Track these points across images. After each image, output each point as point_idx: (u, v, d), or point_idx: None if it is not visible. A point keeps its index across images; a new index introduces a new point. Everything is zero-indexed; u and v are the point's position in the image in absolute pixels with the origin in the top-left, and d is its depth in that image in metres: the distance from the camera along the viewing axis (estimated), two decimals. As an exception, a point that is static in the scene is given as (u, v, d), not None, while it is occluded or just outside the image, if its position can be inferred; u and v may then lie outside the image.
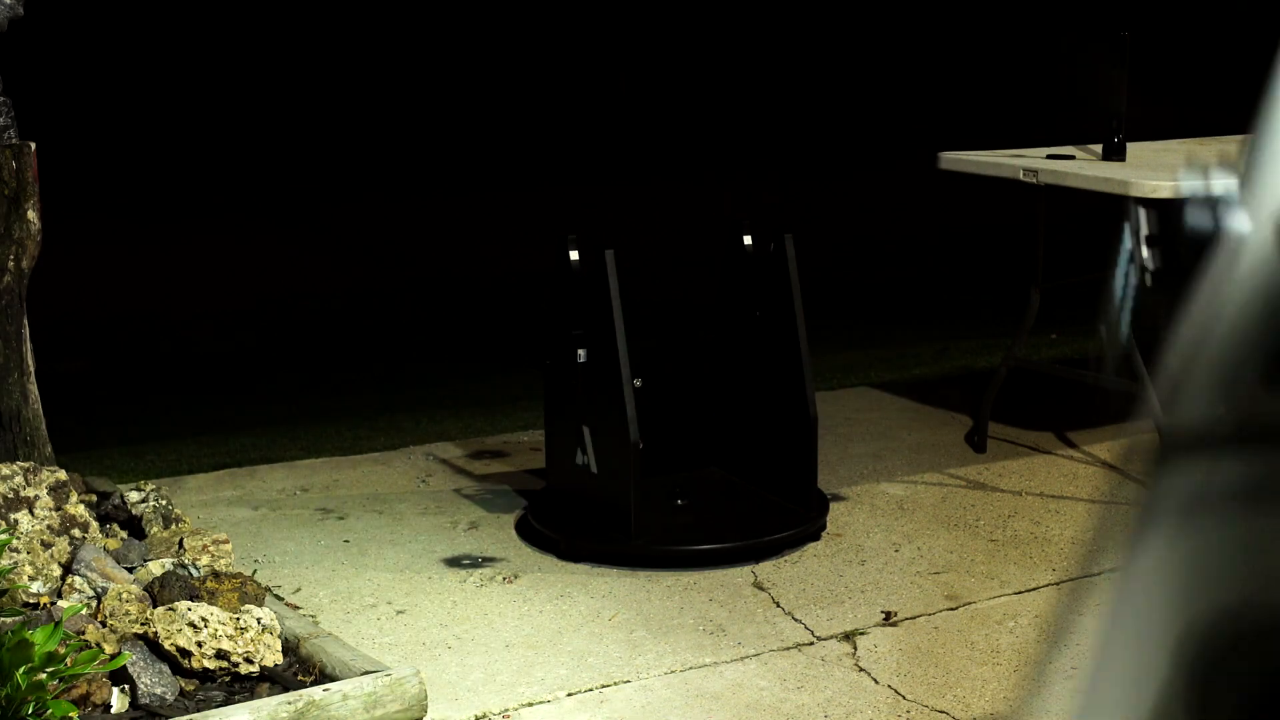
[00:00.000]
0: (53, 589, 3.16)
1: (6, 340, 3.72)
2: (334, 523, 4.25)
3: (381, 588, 3.78)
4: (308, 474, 4.71)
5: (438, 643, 3.45)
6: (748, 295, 4.20)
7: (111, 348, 7.41)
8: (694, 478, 4.36)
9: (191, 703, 2.86)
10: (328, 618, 3.57)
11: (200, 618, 2.95)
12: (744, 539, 3.94)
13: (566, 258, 4.04)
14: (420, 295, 8.79)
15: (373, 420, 5.42)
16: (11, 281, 3.69)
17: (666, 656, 3.37)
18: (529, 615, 3.61)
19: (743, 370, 4.26)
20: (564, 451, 4.10)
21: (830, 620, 3.57)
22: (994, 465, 4.68)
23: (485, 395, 5.85)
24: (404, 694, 2.87)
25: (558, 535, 3.96)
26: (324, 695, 2.79)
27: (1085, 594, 3.75)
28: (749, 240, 4.22)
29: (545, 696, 3.18)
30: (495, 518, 4.27)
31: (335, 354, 7.28)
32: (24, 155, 3.66)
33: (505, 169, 13.47)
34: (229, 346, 7.47)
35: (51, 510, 3.39)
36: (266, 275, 9.38)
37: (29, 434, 3.76)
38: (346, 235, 10.84)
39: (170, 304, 8.46)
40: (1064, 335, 6.26)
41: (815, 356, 4.16)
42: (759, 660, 3.36)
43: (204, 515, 4.25)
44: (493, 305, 8.38)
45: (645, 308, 4.06)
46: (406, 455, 4.89)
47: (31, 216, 3.68)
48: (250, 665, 2.95)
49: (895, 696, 3.19)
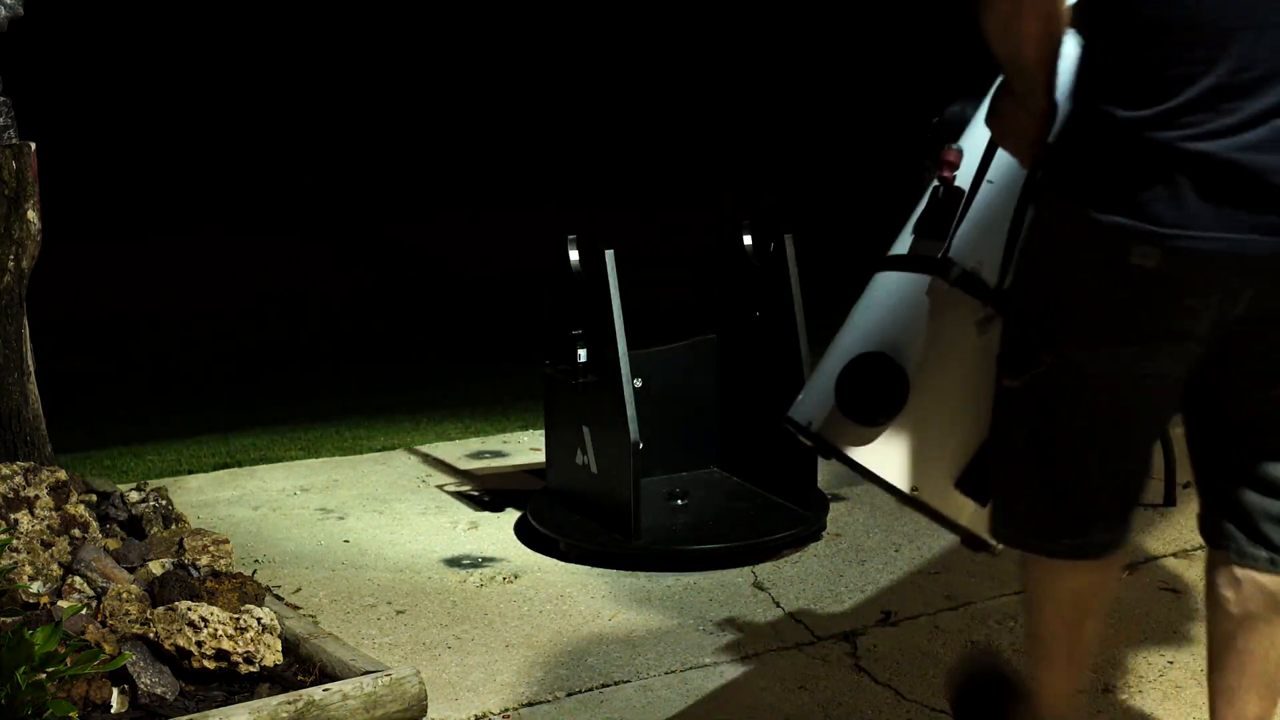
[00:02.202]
0: (53, 589, 3.16)
1: (6, 340, 3.72)
2: (334, 523, 4.25)
3: (381, 588, 3.78)
4: (308, 474, 4.71)
5: (438, 643, 3.45)
6: (748, 295, 4.20)
7: (111, 348, 7.41)
8: (694, 478, 4.36)
9: (191, 703, 2.86)
10: (328, 618, 3.57)
11: (200, 618, 2.95)
12: (744, 539, 3.93)
13: (567, 258, 4.04)
14: (420, 295, 8.79)
15: (373, 420, 5.42)
16: (11, 281, 3.69)
17: (666, 656, 3.37)
18: (529, 615, 3.61)
19: (743, 370, 4.25)
20: (564, 451, 4.10)
21: (830, 620, 3.57)
22: (994, 465, 4.68)
23: (485, 395, 5.86)
24: (404, 694, 2.87)
25: (558, 535, 3.96)
26: (324, 695, 2.79)
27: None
28: (749, 240, 4.22)
29: (545, 696, 3.18)
30: (495, 518, 4.27)
31: (335, 354, 7.28)
32: (24, 155, 3.67)
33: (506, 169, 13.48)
34: (229, 346, 7.47)
35: (51, 510, 3.39)
36: (267, 275, 9.39)
37: (29, 434, 3.76)
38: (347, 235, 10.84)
39: (170, 304, 8.46)
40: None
41: (815, 356, 4.15)
42: (759, 660, 3.36)
43: (204, 515, 4.25)
44: (493, 305, 8.39)
45: (645, 308, 4.05)
46: (406, 455, 4.90)
47: (31, 216, 3.68)
48: (250, 665, 2.95)
49: (895, 696, 3.19)
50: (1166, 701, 3.16)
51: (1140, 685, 3.24)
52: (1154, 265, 2.17)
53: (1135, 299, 2.23)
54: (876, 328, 2.63)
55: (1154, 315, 2.24)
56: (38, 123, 4.15)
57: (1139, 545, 4.05)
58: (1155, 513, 4.30)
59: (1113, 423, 2.36)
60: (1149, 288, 2.21)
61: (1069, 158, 2.26)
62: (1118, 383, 2.32)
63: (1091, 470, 2.40)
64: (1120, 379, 2.31)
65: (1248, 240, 2.14)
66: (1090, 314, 2.28)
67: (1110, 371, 2.31)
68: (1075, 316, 2.30)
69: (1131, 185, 2.15)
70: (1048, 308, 2.33)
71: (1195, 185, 2.12)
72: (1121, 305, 2.25)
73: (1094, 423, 2.36)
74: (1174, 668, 3.32)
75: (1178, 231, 2.14)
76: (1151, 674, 3.29)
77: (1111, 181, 2.18)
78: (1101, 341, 2.29)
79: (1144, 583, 3.81)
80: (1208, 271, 2.17)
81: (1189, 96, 2.11)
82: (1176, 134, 2.12)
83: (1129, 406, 2.35)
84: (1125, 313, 2.25)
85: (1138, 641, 3.47)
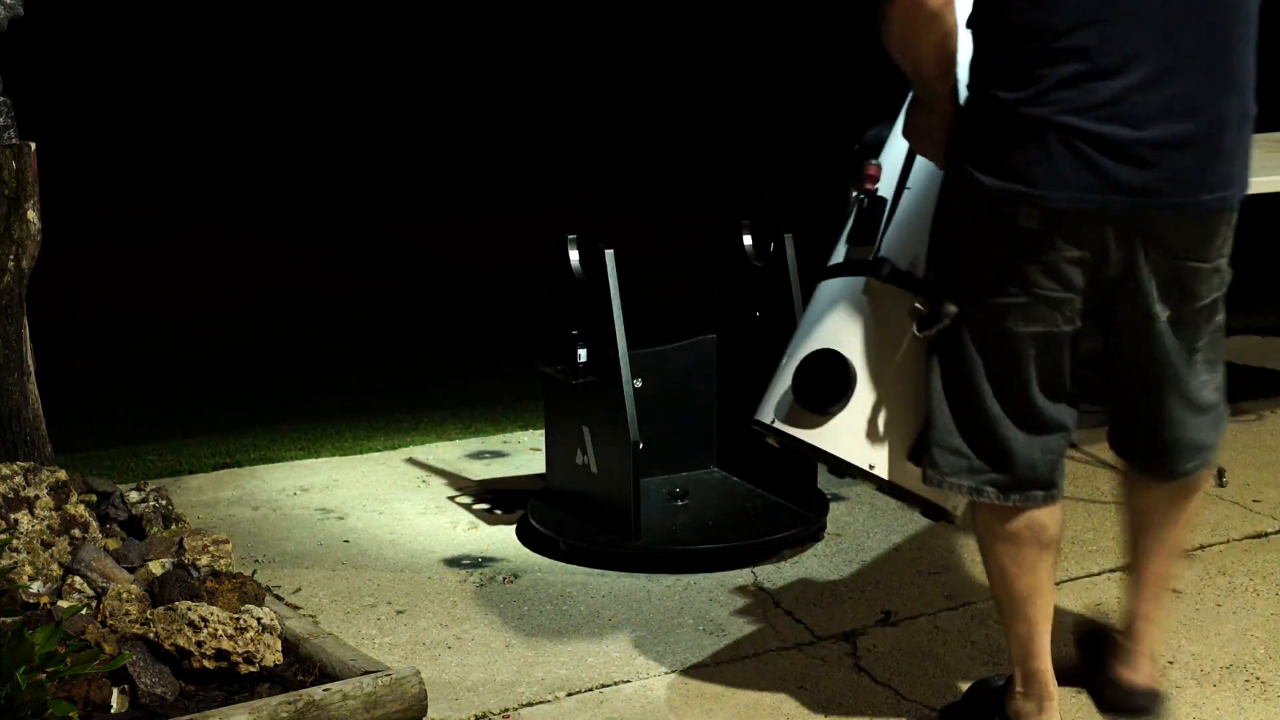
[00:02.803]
0: (53, 589, 3.16)
1: (6, 340, 3.72)
2: (334, 523, 4.25)
3: (381, 588, 3.78)
4: (308, 474, 4.71)
5: (438, 643, 3.45)
6: (748, 295, 4.20)
7: (111, 348, 7.41)
8: (694, 478, 4.36)
9: (191, 703, 2.86)
10: (328, 618, 3.57)
11: (200, 617, 2.95)
12: (744, 539, 3.93)
13: (566, 258, 4.04)
14: (420, 295, 8.78)
15: (373, 420, 5.42)
16: (11, 281, 3.69)
17: (666, 656, 3.37)
18: (529, 615, 3.61)
19: (743, 370, 4.25)
20: (564, 451, 4.10)
21: (830, 620, 3.57)
22: (994, 465, 4.67)
23: (485, 395, 5.85)
24: (404, 694, 2.88)
25: (558, 535, 3.96)
26: (324, 695, 2.79)
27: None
28: (749, 240, 4.22)
29: (545, 696, 3.18)
30: (495, 518, 4.27)
31: (335, 354, 7.28)
32: (24, 155, 3.67)
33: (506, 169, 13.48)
34: (229, 346, 7.47)
35: (51, 510, 3.39)
36: (267, 274, 9.38)
37: (29, 434, 3.76)
38: (347, 234, 10.84)
39: (170, 304, 8.45)
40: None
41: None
42: (759, 660, 3.36)
43: (204, 515, 4.25)
44: (493, 305, 8.38)
45: (645, 308, 4.05)
46: (406, 455, 4.90)
47: (31, 216, 3.68)
48: (250, 665, 2.95)
49: (895, 696, 3.19)
50: (1166, 701, 3.16)
51: (1140, 685, 3.24)
52: (1037, 225, 2.59)
53: (1023, 257, 2.63)
54: (822, 328, 2.96)
55: (1039, 271, 2.64)
56: (38, 123, 4.15)
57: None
58: (1155, 513, 4.30)
59: (1012, 368, 2.72)
60: (1034, 246, 2.62)
61: (966, 136, 2.67)
62: (1011, 333, 2.69)
63: (999, 412, 2.74)
64: (1012, 330, 2.68)
65: (1111, 200, 2.56)
66: (986, 272, 2.68)
67: (1004, 323, 2.68)
68: (973, 275, 2.70)
69: (1015, 155, 2.58)
70: (950, 269, 2.73)
71: (1066, 153, 2.55)
72: (1012, 263, 2.65)
73: (994, 369, 2.72)
74: (1174, 668, 3.32)
75: (1053, 193, 2.57)
76: (1151, 674, 3.29)
77: (999, 153, 2.60)
78: (995, 295, 2.68)
79: (1144, 583, 3.81)
80: (1080, 228, 2.59)
81: (1056, 80, 2.54)
82: (1048, 109, 2.54)
83: (1022, 353, 2.70)
84: (1015, 270, 2.65)
85: (1138, 641, 3.47)
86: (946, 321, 2.73)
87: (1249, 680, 3.26)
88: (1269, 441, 4.99)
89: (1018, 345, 2.69)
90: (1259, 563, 3.95)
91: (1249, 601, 3.69)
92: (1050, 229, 2.59)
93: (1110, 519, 4.25)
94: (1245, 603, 3.68)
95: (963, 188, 2.67)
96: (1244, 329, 6.55)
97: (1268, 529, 4.19)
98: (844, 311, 2.93)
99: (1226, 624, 3.56)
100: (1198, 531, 4.15)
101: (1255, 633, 3.51)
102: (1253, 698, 3.18)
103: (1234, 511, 4.32)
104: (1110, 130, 2.53)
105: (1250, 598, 3.72)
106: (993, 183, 2.60)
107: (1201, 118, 2.56)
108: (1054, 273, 2.63)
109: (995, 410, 2.73)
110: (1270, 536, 4.14)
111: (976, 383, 2.73)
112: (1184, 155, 2.56)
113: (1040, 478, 2.77)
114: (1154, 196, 2.57)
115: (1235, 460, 4.73)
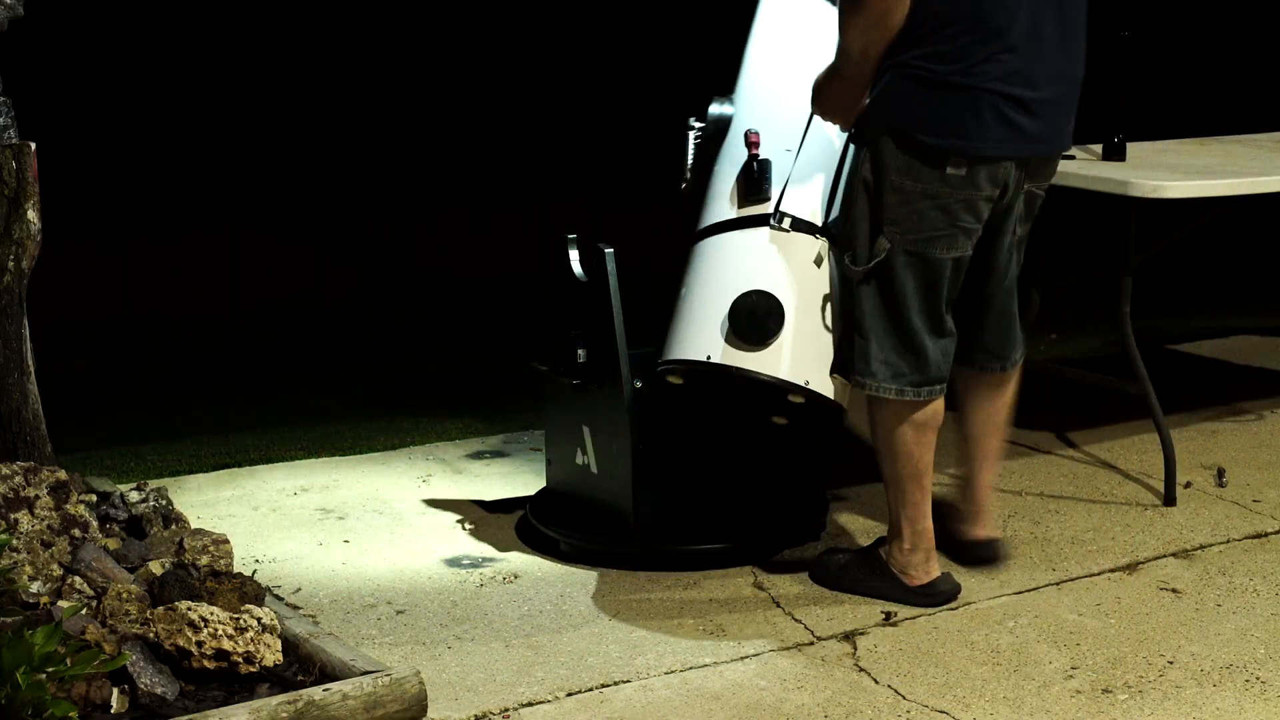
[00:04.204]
0: (53, 589, 3.16)
1: (6, 340, 3.72)
2: (334, 523, 4.25)
3: (381, 588, 3.78)
4: (308, 474, 4.71)
5: (438, 643, 3.45)
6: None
7: (111, 348, 7.40)
8: (693, 476, 4.34)
9: (191, 703, 2.86)
10: (328, 618, 3.57)
11: (200, 617, 2.95)
12: (744, 539, 3.93)
13: (566, 258, 4.04)
14: (420, 295, 8.78)
15: (373, 420, 5.42)
16: (11, 281, 3.69)
17: (666, 656, 3.37)
18: (529, 615, 3.61)
19: (743, 370, 4.25)
20: (564, 451, 4.10)
21: (830, 620, 3.57)
22: (994, 465, 4.67)
23: (485, 395, 5.85)
24: (404, 694, 2.88)
25: (558, 535, 3.96)
26: (324, 695, 2.79)
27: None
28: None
29: (545, 696, 3.18)
30: (495, 518, 4.27)
31: (335, 354, 7.27)
32: (24, 155, 3.66)
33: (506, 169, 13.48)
34: (228, 346, 7.46)
35: (51, 510, 3.39)
36: (266, 274, 9.37)
37: (29, 434, 3.76)
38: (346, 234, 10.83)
39: (170, 304, 8.44)
40: (1064, 335, 6.27)
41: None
42: (759, 660, 3.36)
43: (204, 515, 4.25)
44: (493, 305, 8.38)
45: (645, 308, 4.05)
46: (406, 455, 4.90)
47: (31, 216, 3.68)
48: (250, 665, 2.95)
49: (895, 696, 3.19)
50: (1166, 701, 3.16)
51: (1140, 685, 3.24)
52: (964, 172, 3.35)
53: (951, 197, 3.37)
54: (739, 274, 3.52)
55: (961, 209, 3.39)
56: (38, 123, 4.15)
57: (1138, 545, 4.06)
58: (1155, 513, 4.30)
59: (935, 288, 3.45)
60: (958, 190, 3.36)
61: (897, 104, 3.35)
62: (935, 259, 3.42)
63: (919, 325, 3.46)
64: (936, 257, 3.41)
65: (1019, 147, 3.38)
66: (916, 213, 3.38)
67: (931, 251, 3.41)
68: (904, 216, 3.39)
69: (948, 117, 3.31)
70: (881, 214, 3.40)
71: (991, 112, 3.31)
72: (939, 205, 3.37)
73: (919, 290, 3.44)
74: (1174, 668, 3.32)
75: (982, 145, 3.34)
76: (1151, 674, 3.29)
77: (933, 115, 3.31)
78: (924, 230, 3.39)
79: (1144, 583, 3.81)
80: (998, 171, 3.38)
81: (981, 57, 3.29)
82: (974, 79, 3.30)
83: (941, 277, 3.44)
84: (942, 210, 3.38)
85: (1137, 641, 3.47)
86: (882, 255, 3.41)
87: (1249, 680, 3.27)
88: (1269, 441, 4.99)
89: (940, 269, 3.42)
90: (1259, 563, 3.95)
91: (1249, 601, 3.69)
92: (974, 174, 3.35)
93: (1110, 519, 4.26)
94: (1245, 603, 3.69)
95: (891, 144, 3.36)
96: (1244, 329, 6.55)
97: (1268, 529, 4.19)
98: (755, 258, 3.52)
99: (1226, 624, 3.56)
100: (1198, 532, 4.16)
101: (1255, 633, 3.51)
102: (1253, 698, 3.18)
103: (1234, 511, 4.32)
104: (1020, 92, 3.33)
105: (1250, 598, 3.72)
106: (933, 140, 3.32)
107: (1066, 82, 3.44)
108: (972, 208, 3.40)
109: (917, 324, 3.45)
110: (1270, 536, 4.14)
111: (904, 303, 3.43)
112: (1058, 110, 3.44)
113: (943, 375, 3.52)
114: (1043, 143, 3.43)
115: (1235, 460, 4.73)
